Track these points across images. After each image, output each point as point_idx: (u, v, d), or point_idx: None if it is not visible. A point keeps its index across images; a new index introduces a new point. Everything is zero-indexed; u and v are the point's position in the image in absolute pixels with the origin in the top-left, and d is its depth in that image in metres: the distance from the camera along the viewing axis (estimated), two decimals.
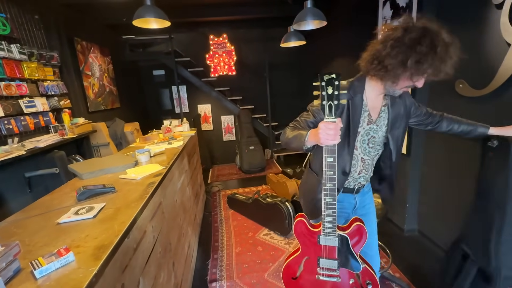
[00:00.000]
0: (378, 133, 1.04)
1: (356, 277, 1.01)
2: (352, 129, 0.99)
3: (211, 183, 3.95)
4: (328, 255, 1.01)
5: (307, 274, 1.08)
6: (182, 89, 4.70)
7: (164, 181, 1.39)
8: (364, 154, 1.06)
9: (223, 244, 2.31)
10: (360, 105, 0.99)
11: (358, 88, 0.99)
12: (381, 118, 1.03)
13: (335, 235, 0.98)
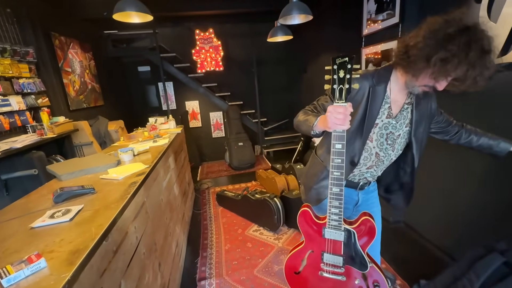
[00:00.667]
0: (398, 131, 0.97)
1: (362, 277, 0.94)
2: (368, 118, 0.93)
3: (200, 180, 3.91)
4: (332, 250, 0.96)
5: (310, 269, 1.03)
6: (169, 85, 4.61)
7: (147, 180, 1.36)
8: (380, 150, 1.00)
9: (212, 241, 2.30)
10: (382, 95, 0.92)
11: (383, 77, 0.93)
12: (401, 115, 0.96)
13: (341, 228, 0.92)
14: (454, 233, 1.74)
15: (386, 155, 1.01)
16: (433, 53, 0.73)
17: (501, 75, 1.35)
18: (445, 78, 0.77)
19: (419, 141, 0.99)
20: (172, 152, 2.21)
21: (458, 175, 1.69)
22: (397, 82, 0.92)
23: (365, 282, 0.94)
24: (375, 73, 0.93)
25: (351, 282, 0.96)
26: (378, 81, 0.92)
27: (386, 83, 0.92)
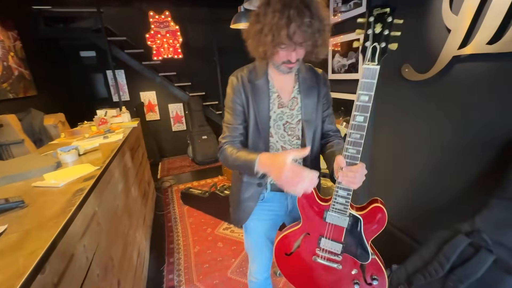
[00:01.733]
0: (295, 119, 0.96)
1: (360, 268, 0.87)
2: (260, 115, 0.92)
3: (161, 178, 3.60)
4: (332, 235, 0.86)
5: (303, 252, 0.94)
6: (120, 73, 4.10)
7: (98, 184, 1.12)
8: (284, 143, 0.97)
9: (179, 245, 2.11)
10: (266, 87, 0.93)
11: (260, 69, 0.94)
12: (294, 101, 0.96)
13: (346, 213, 0.82)
14: (417, 216, 1.86)
15: (292, 145, 0.98)
16: (262, 24, 0.77)
17: (461, 66, 1.43)
18: (282, 43, 0.78)
19: (311, 126, 0.96)
20: (128, 149, 1.93)
21: (420, 160, 1.78)
22: (274, 68, 0.93)
23: (363, 273, 0.87)
24: (252, 69, 0.95)
25: (346, 271, 0.88)
26: (256, 75, 0.93)
27: (265, 74, 0.93)
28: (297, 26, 0.73)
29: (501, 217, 1.14)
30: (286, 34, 0.74)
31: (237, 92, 0.93)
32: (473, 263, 1.15)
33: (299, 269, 0.96)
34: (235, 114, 0.95)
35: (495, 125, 1.32)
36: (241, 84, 0.93)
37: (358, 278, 0.85)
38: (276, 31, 0.74)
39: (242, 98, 0.93)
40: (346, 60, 2.16)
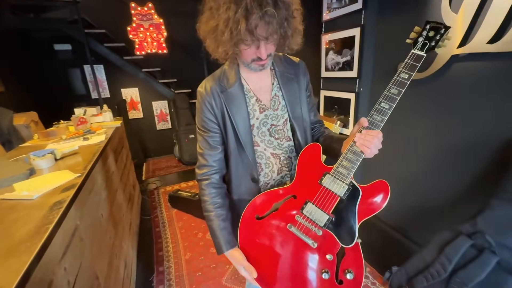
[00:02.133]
0: (281, 119, 0.87)
1: (336, 255, 0.68)
2: (240, 127, 0.81)
3: (146, 180, 3.43)
4: (322, 203, 0.72)
5: (278, 217, 0.76)
6: (99, 69, 3.84)
7: (80, 194, 0.99)
8: (273, 149, 0.87)
9: (169, 252, 1.99)
10: (241, 92, 0.82)
11: (231, 75, 0.83)
12: (275, 100, 0.86)
13: (347, 180, 0.70)
14: (414, 216, 1.86)
15: (283, 149, 0.88)
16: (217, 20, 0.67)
17: (460, 65, 1.41)
18: (244, 40, 0.66)
19: (300, 124, 0.88)
20: (111, 151, 1.78)
21: (417, 159, 1.78)
22: (246, 69, 0.82)
23: (337, 262, 0.67)
24: (221, 75, 0.83)
25: (320, 254, 0.69)
26: (228, 82, 0.82)
27: (238, 78, 0.82)
28: (259, 17, 0.61)
29: (503, 218, 1.14)
30: (246, 29, 0.62)
31: (208, 107, 0.81)
32: (477, 265, 1.14)
33: (264, 240, 0.76)
34: (210, 136, 0.84)
35: (495, 125, 1.31)
36: (211, 97, 0.81)
37: (329, 267, 0.65)
38: (233, 27, 0.63)
39: (215, 113, 0.82)
40: (340, 58, 2.12)
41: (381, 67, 1.91)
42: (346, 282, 0.60)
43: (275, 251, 0.73)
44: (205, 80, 0.85)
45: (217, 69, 0.87)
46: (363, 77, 1.98)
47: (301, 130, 0.88)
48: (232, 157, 0.86)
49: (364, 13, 1.84)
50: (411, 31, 0.71)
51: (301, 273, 0.65)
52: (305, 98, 0.90)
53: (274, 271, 0.68)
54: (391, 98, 0.72)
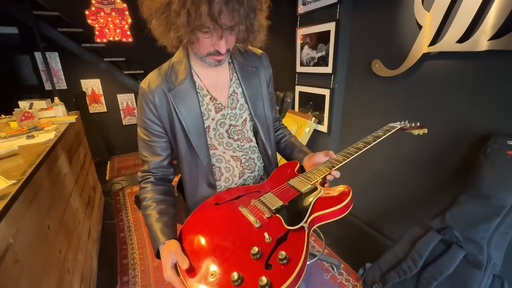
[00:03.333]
0: (240, 118, 0.79)
1: (276, 240, 0.57)
2: (191, 130, 0.72)
3: (110, 179, 3.16)
4: (281, 194, 0.69)
5: (234, 203, 0.72)
6: (53, 56, 3.43)
7: (14, 206, 0.82)
8: (233, 151, 0.80)
9: (135, 259, 1.83)
10: (192, 91, 0.71)
11: (180, 69, 0.72)
12: (233, 97, 0.77)
13: (312, 182, 0.69)
14: (388, 213, 1.90)
15: (244, 150, 0.81)
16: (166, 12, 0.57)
17: (431, 63, 1.44)
18: (203, 27, 0.57)
19: (263, 122, 0.82)
20: (64, 150, 1.56)
21: (387, 156, 1.81)
22: (200, 63, 0.73)
23: (274, 246, 0.57)
24: (168, 70, 0.72)
25: (258, 235, 0.60)
26: (176, 77, 0.71)
27: (188, 73, 0.71)
28: (224, 2, 0.52)
29: (469, 213, 1.17)
30: (208, 13, 0.52)
31: (151, 107, 0.70)
32: (445, 259, 1.17)
33: (211, 221, 0.68)
34: (152, 141, 0.75)
35: (462, 123, 1.35)
36: (155, 96, 0.70)
37: (264, 249, 0.55)
38: (192, 8, 0.52)
39: (160, 115, 0.71)
40: (315, 53, 2.08)
41: (355, 63, 1.90)
42: (277, 267, 0.51)
43: (216, 231, 0.63)
44: (150, 74, 0.73)
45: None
46: (338, 73, 1.96)
47: (264, 129, 0.81)
48: (185, 162, 0.77)
49: (340, 7, 1.80)
50: (386, 27, 0.67)
51: (232, 251, 0.56)
52: (267, 94, 0.82)
53: (206, 254, 0.57)
54: (358, 149, 0.84)
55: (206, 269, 0.54)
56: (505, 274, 1.10)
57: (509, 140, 1.12)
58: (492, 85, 1.21)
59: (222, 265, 0.53)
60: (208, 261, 0.55)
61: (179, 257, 0.56)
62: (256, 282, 0.48)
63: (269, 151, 0.85)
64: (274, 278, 0.48)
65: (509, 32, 1.09)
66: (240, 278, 0.49)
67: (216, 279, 0.51)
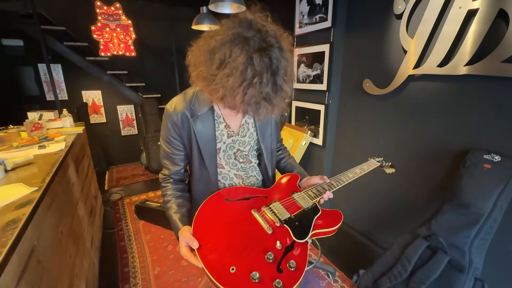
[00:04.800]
0: (247, 145, 0.90)
1: (285, 248, 0.68)
2: (206, 151, 0.83)
3: (109, 189, 3.19)
4: (288, 206, 0.81)
5: (245, 204, 0.81)
6: (56, 68, 3.52)
7: (38, 211, 0.90)
8: (237, 170, 0.92)
9: (136, 267, 1.86)
10: (211, 118, 0.82)
11: (203, 98, 0.81)
12: (244, 127, 0.88)
13: (312, 200, 0.84)
14: (380, 223, 2.00)
15: (246, 170, 0.93)
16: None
17: (416, 84, 1.58)
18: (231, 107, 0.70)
19: (268, 148, 0.94)
20: (72, 160, 1.63)
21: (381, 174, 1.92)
22: None
23: (284, 252, 0.67)
24: (192, 98, 0.81)
25: (270, 240, 0.69)
26: (199, 105, 0.81)
27: (209, 103, 0.81)
28: (254, 100, 0.63)
29: (452, 221, 1.28)
30: (240, 101, 0.63)
31: (175, 128, 0.82)
32: (431, 264, 1.27)
33: (223, 216, 0.77)
34: (173, 153, 0.86)
35: (444, 139, 1.49)
36: (180, 120, 0.80)
37: (275, 254, 0.65)
38: (230, 95, 0.63)
39: (181, 134, 0.83)
40: (311, 71, 2.23)
41: (348, 81, 2.05)
42: (286, 272, 0.61)
43: (231, 227, 0.72)
44: (175, 98, 0.84)
45: (189, 88, 0.85)
46: (332, 90, 2.10)
47: (267, 152, 0.94)
48: (196, 174, 0.89)
49: (333, 31, 1.97)
50: (375, 50, 0.79)
51: (249, 250, 0.65)
52: (275, 120, 0.95)
53: (223, 246, 0.66)
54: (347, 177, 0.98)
55: (227, 260, 0.62)
56: (485, 277, 1.19)
57: (485, 155, 1.25)
58: (470, 105, 1.36)
59: (242, 262, 0.62)
60: (228, 253, 0.64)
61: (189, 239, 0.66)
62: (271, 283, 0.58)
63: (269, 172, 0.98)
64: (285, 281, 0.59)
65: (482, 59, 1.25)
66: (258, 277, 0.58)
67: (236, 271, 0.60)
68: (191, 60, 0.70)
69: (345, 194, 2.27)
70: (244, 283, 0.57)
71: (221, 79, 0.61)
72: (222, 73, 0.60)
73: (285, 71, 0.64)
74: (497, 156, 1.22)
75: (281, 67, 0.62)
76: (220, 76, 0.61)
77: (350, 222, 2.26)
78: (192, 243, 0.65)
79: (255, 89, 0.60)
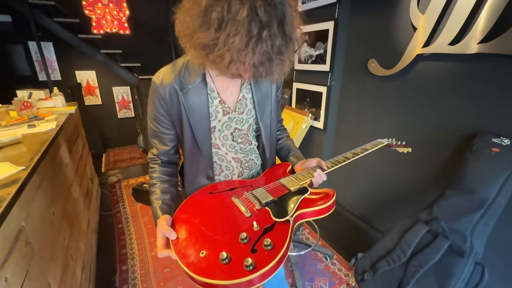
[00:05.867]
0: (246, 123, 0.82)
1: (263, 229, 0.63)
2: (198, 130, 0.76)
3: (106, 172, 3.16)
4: (272, 190, 0.75)
5: (228, 193, 0.78)
6: (47, 47, 3.37)
7: (25, 191, 0.85)
8: (235, 153, 0.84)
9: (133, 249, 1.86)
10: (203, 92, 0.73)
11: (193, 70, 0.72)
12: (242, 103, 0.79)
13: (301, 183, 0.75)
14: (378, 207, 1.98)
15: (245, 152, 0.87)
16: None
17: (424, 64, 1.50)
18: (247, 70, 0.59)
19: (267, 128, 0.86)
20: (65, 140, 1.58)
21: (381, 154, 1.88)
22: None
23: (261, 233, 0.62)
24: (182, 69, 0.73)
25: (247, 223, 0.66)
26: (189, 77, 0.72)
27: (201, 75, 0.72)
28: (267, 59, 0.55)
29: (455, 206, 1.25)
30: (250, 64, 0.55)
31: (162, 103, 0.73)
32: (432, 248, 1.25)
33: (204, 207, 0.74)
34: (160, 132, 0.78)
35: (451, 122, 1.43)
36: (167, 94, 0.72)
37: (251, 235, 0.61)
38: (236, 57, 0.54)
39: (170, 111, 0.74)
40: (313, 51, 2.13)
41: (352, 62, 1.96)
42: (261, 251, 0.57)
43: (209, 216, 0.70)
44: (163, 69, 0.75)
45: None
46: (335, 71, 2.02)
47: (266, 132, 0.86)
48: (188, 155, 0.82)
49: (338, 7, 1.86)
50: (382, 28, 0.71)
51: (223, 234, 0.63)
52: (275, 98, 0.86)
53: (198, 233, 0.64)
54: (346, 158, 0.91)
55: (198, 246, 0.60)
56: (486, 261, 1.18)
57: (494, 138, 1.21)
58: (480, 86, 1.29)
59: (213, 245, 0.59)
60: (200, 240, 0.62)
61: (166, 230, 0.62)
62: (242, 262, 0.53)
63: (267, 153, 0.90)
64: (258, 260, 0.54)
65: (497, 37, 1.17)
66: (227, 258, 0.55)
67: (206, 255, 0.57)
68: (180, 29, 0.59)
69: (344, 179, 2.25)
70: (211, 265, 0.54)
71: (224, 41, 0.52)
72: (224, 34, 0.51)
73: (292, 17, 0.55)
74: (506, 139, 1.17)
75: (287, 13, 0.54)
76: (223, 39, 0.52)
77: (349, 206, 2.25)
78: (169, 234, 0.62)
79: (265, 44, 0.52)
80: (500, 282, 1.32)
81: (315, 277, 1.62)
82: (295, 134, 2.29)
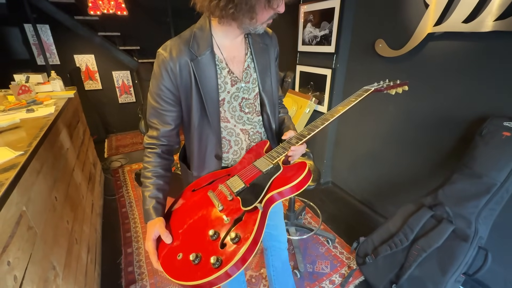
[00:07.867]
0: (252, 92, 0.81)
1: (234, 221, 0.61)
2: (208, 102, 0.74)
3: (109, 157, 3.17)
4: (244, 175, 0.73)
5: (206, 189, 0.76)
6: (44, 29, 3.28)
7: (25, 175, 0.84)
8: (243, 124, 0.83)
9: (138, 232, 1.89)
10: (212, 62, 0.72)
11: (202, 40, 0.71)
12: (247, 72, 0.79)
13: (274, 161, 0.72)
14: (381, 192, 1.97)
15: (253, 123, 0.84)
16: None
17: (435, 44, 1.43)
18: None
19: (270, 97, 0.84)
20: (64, 125, 1.56)
21: (385, 136, 1.85)
22: (226, 35, 0.74)
23: (231, 226, 0.61)
24: (190, 39, 0.71)
25: (219, 217, 0.64)
26: (198, 48, 0.71)
27: (210, 44, 0.72)
28: None
29: (461, 191, 1.23)
30: None
31: (171, 75, 0.70)
32: (435, 233, 1.25)
33: (184, 207, 0.74)
34: (162, 109, 0.74)
35: (460, 105, 1.38)
36: (177, 67, 0.69)
37: (221, 230, 0.60)
38: None
39: (178, 84, 0.71)
40: (318, 31, 2.04)
41: (358, 43, 1.88)
42: (228, 246, 0.56)
43: (187, 216, 0.69)
44: (170, 41, 0.71)
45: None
46: (340, 53, 1.94)
47: (270, 103, 0.85)
48: (196, 133, 0.78)
49: None
50: (392, 5, 0.65)
51: (196, 233, 0.62)
52: (274, 71, 0.85)
53: (177, 236, 0.64)
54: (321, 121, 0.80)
55: (175, 250, 0.60)
56: (489, 246, 1.18)
57: (505, 122, 1.16)
58: (494, 67, 1.22)
59: (186, 246, 0.60)
60: (177, 242, 0.62)
61: (164, 233, 0.64)
62: (208, 261, 0.53)
63: (273, 125, 0.88)
64: (225, 255, 0.53)
65: None
66: (198, 258, 0.55)
67: (181, 258, 0.58)
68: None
69: (347, 163, 2.23)
70: (185, 268, 0.55)
71: None
72: None
73: None
74: None
75: None
76: None
77: (351, 191, 2.24)
78: (165, 237, 0.63)
79: None
80: (503, 267, 1.33)
81: (317, 260, 1.64)
82: (298, 119, 2.25)
